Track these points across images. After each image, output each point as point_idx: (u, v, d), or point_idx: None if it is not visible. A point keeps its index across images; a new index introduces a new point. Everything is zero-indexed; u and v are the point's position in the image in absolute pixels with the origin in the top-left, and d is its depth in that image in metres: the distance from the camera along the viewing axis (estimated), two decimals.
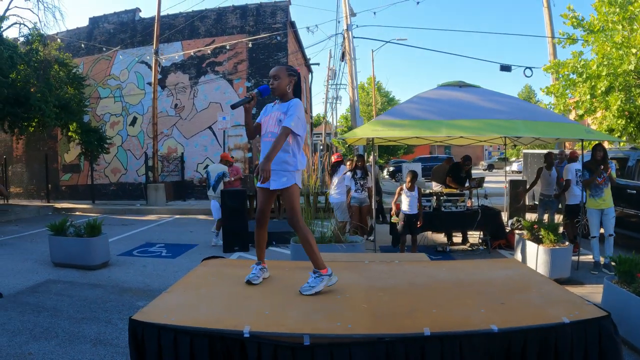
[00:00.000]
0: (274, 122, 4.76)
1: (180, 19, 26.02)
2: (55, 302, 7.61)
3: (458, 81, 11.39)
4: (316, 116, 53.49)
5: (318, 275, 4.56)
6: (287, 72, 4.83)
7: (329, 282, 4.60)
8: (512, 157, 58.08)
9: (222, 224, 11.98)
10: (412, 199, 10.12)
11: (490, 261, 6.22)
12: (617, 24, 14.65)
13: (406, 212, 10.18)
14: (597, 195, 9.43)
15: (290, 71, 4.87)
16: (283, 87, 4.78)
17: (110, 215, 20.47)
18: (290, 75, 4.84)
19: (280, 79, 4.77)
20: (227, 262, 6.04)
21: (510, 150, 40.07)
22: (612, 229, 9.45)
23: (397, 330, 3.53)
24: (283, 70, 4.81)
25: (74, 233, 10.27)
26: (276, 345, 3.37)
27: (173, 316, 3.76)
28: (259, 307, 4.04)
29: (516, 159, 54.83)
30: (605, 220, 9.47)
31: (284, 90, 4.80)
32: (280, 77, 4.77)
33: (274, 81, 4.78)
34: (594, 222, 9.54)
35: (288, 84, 4.80)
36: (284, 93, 4.82)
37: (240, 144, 25.06)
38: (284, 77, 4.78)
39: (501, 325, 3.52)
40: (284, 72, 4.80)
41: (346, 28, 20.74)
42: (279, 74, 4.77)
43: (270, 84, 4.81)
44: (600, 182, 9.39)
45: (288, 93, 4.83)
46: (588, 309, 3.87)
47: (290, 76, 4.84)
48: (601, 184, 9.40)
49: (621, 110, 14.79)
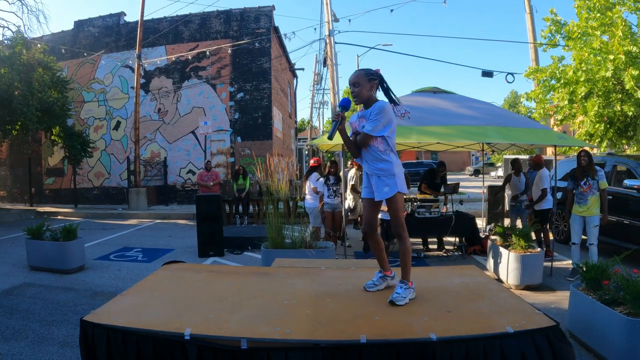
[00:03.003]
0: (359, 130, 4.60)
1: (164, 23, 25.98)
2: (28, 305, 7.67)
3: (432, 87, 11.43)
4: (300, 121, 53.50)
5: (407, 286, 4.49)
6: (367, 77, 4.56)
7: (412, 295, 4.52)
8: (498, 163, 58.16)
9: (198, 228, 11.98)
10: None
11: (449, 268, 6.21)
12: (597, 30, 14.79)
13: (382, 217, 10.20)
14: (582, 203, 9.29)
15: (370, 75, 4.58)
16: (365, 93, 4.54)
17: (91, 219, 20.47)
18: (371, 80, 4.56)
19: (361, 85, 4.52)
20: (186, 267, 6.05)
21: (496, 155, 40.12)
22: (594, 238, 9.21)
23: (335, 336, 3.54)
24: (362, 76, 4.54)
25: (50, 237, 10.27)
26: (215, 349, 3.42)
27: (122, 318, 3.81)
28: (206, 312, 4.07)
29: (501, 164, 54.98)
30: (587, 229, 9.31)
31: (366, 97, 4.56)
32: (360, 83, 4.52)
33: (354, 88, 4.55)
34: (576, 228, 9.46)
35: (370, 89, 4.55)
36: (366, 99, 4.57)
37: (222, 149, 25.07)
38: (364, 83, 4.52)
39: (441, 334, 3.50)
40: (364, 78, 4.54)
41: (328, 34, 20.78)
42: (359, 81, 4.52)
43: (351, 92, 4.61)
44: (585, 190, 9.24)
45: (372, 98, 4.59)
46: (536, 319, 3.86)
47: (371, 80, 4.56)
48: (586, 192, 9.24)
49: (599, 116, 14.92)
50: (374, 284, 4.81)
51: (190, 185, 25.21)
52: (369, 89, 4.53)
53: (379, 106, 4.47)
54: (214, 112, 25.24)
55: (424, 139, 9.91)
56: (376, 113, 4.43)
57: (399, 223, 4.57)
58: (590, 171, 9.29)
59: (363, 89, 4.50)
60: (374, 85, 4.58)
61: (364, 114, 4.57)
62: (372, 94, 4.58)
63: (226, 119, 25.11)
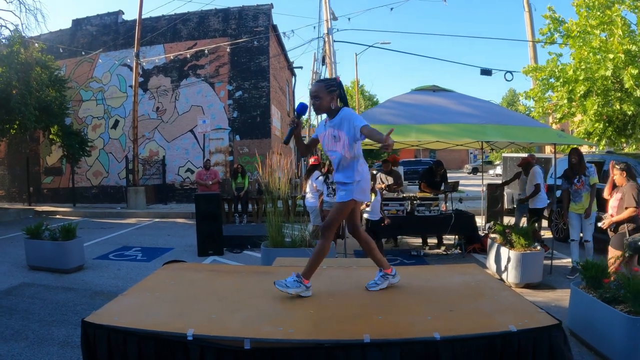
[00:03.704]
0: (330, 140, 4.62)
1: (162, 21, 25.96)
2: (28, 305, 7.65)
3: (432, 85, 11.44)
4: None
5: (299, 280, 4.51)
6: (327, 90, 4.57)
7: (304, 292, 4.51)
8: (496, 161, 58.13)
9: (197, 227, 11.97)
10: (374, 203, 10.14)
11: (450, 267, 6.20)
12: (596, 28, 14.78)
13: (368, 217, 10.21)
14: (577, 200, 9.44)
15: (329, 87, 4.58)
16: (326, 105, 4.58)
17: (90, 218, 20.43)
18: (332, 92, 4.58)
19: (321, 98, 4.55)
20: (186, 266, 6.03)
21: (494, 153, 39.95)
22: (590, 235, 9.38)
23: (338, 336, 3.53)
24: (322, 89, 4.56)
25: (49, 236, 10.26)
26: (218, 349, 3.41)
27: (124, 318, 3.80)
28: (208, 311, 4.06)
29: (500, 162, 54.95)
30: (583, 225, 9.43)
31: (327, 108, 4.60)
32: (321, 96, 4.55)
33: (315, 101, 4.59)
34: (574, 225, 9.57)
35: (330, 100, 4.57)
36: (328, 110, 4.62)
37: (221, 147, 25.08)
38: (324, 95, 4.55)
39: (444, 333, 3.49)
40: (324, 90, 4.56)
41: (327, 32, 20.81)
42: (319, 94, 4.55)
43: (312, 104, 4.65)
44: (578, 187, 9.41)
45: (332, 109, 4.61)
46: (539, 317, 3.84)
47: (332, 92, 4.57)
48: (579, 189, 9.40)
49: (599, 114, 14.92)
50: (376, 284, 4.81)
51: (189, 184, 25.20)
52: (329, 101, 4.57)
53: (348, 111, 4.58)
54: (213, 111, 25.24)
55: (423, 137, 9.89)
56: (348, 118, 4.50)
57: (331, 224, 4.68)
58: (580, 169, 9.45)
59: (323, 100, 4.56)
60: (335, 96, 4.61)
61: (333, 124, 4.61)
62: (332, 105, 4.62)
63: (225, 117, 25.11)
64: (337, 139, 4.54)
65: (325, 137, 4.68)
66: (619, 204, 7.78)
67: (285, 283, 4.45)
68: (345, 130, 4.48)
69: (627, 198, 7.58)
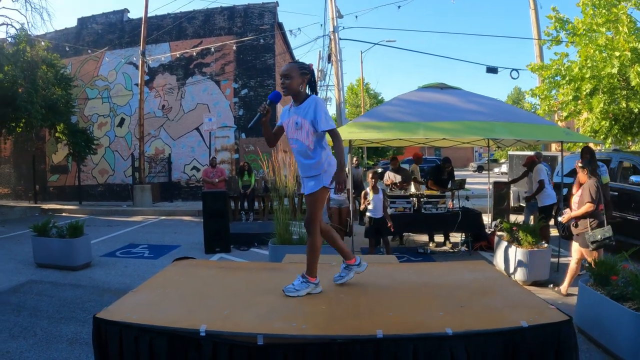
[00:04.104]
0: (292, 128, 4.52)
1: (168, 20, 26.01)
2: (36, 302, 7.68)
3: (439, 83, 11.42)
4: None
5: (305, 280, 4.48)
6: (300, 71, 4.48)
7: (314, 290, 4.52)
8: (501, 159, 58.01)
9: (204, 225, 11.99)
10: (376, 201, 10.08)
11: (459, 264, 6.21)
12: (602, 26, 14.74)
13: (371, 215, 10.20)
14: None
15: (302, 69, 4.51)
16: (295, 86, 4.46)
17: (96, 216, 20.47)
18: (303, 74, 4.50)
19: (292, 78, 4.43)
20: (197, 263, 6.02)
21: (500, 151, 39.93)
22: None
23: (352, 331, 3.53)
24: (295, 69, 4.46)
25: (57, 234, 10.32)
26: (231, 345, 3.41)
27: (135, 314, 3.80)
28: (219, 307, 4.06)
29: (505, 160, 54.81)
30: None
31: (296, 90, 4.48)
32: (292, 76, 4.43)
33: (285, 80, 4.45)
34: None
35: (301, 83, 4.48)
36: (296, 92, 4.50)
37: (227, 145, 25.10)
38: (296, 76, 4.44)
39: (457, 329, 3.49)
40: (296, 71, 4.46)
41: (332, 30, 20.82)
42: (291, 73, 4.43)
43: (281, 83, 4.50)
44: None
45: (301, 92, 4.52)
46: (550, 313, 3.85)
47: (303, 75, 4.50)
48: None
49: (605, 112, 14.88)
50: (341, 276, 4.81)
51: (195, 181, 25.27)
52: (299, 83, 4.47)
53: (314, 100, 4.49)
54: (218, 109, 25.23)
55: (431, 135, 9.88)
56: (314, 108, 4.43)
57: (312, 217, 4.58)
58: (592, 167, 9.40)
59: (294, 81, 4.44)
60: (305, 80, 4.54)
61: (296, 111, 4.52)
62: (301, 88, 4.53)
63: (230, 115, 25.10)
64: (299, 127, 4.46)
65: (289, 123, 4.58)
66: (579, 199, 7.97)
67: (293, 287, 4.43)
68: (310, 120, 4.41)
69: (585, 194, 7.81)
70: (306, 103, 4.46)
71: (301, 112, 4.45)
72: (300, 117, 4.43)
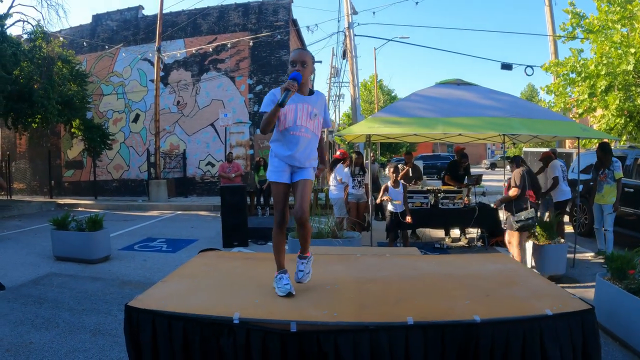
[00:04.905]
0: (306, 117, 4.28)
1: (182, 16, 26.12)
2: (56, 294, 7.73)
3: (456, 79, 11.41)
4: None
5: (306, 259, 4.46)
6: (313, 61, 4.44)
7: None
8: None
9: (222, 219, 12.04)
10: (397, 195, 10.13)
11: (480, 256, 6.25)
12: (617, 23, 14.71)
13: (391, 209, 10.24)
14: (599, 191, 10.17)
15: (314, 61, 4.53)
16: (308, 75, 4.32)
17: (112, 211, 20.59)
18: (313, 65, 4.45)
19: (307, 66, 4.25)
20: (223, 254, 6.08)
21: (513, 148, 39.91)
22: (609, 225, 9.91)
23: (382, 319, 3.57)
24: (310, 58, 4.35)
25: (76, 227, 10.40)
26: (265, 332, 3.45)
27: (167, 303, 3.85)
28: (250, 296, 4.10)
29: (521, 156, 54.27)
30: (604, 215, 10.06)
31: (307, 79, 4.34)
32: (308, 63, 4.27)
33: (301, 67, 4.20)
34: (596, 214, 10.44)
35: (310, 73, 4.39)
36: (306, 81, 4.33)
37: (241, 141, 25.13)
38: (310, 65, 4.31)
39: (484, 316, 3.55)
40: (311, 60, 4.35)
41: (347, 26, 20.80)
42: (307, 60, 4.27)
43: (297, 69, 4.18)
44: (601, 179, 10.10)
45: (309, 82, 4.47)
46: (572, 302, 3.88)
47: (313, 65, 4.44)
48: (602, 180, 10.09)
49: (620, 109, 14.86)
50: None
51: (210, 177, 25.37)
52: (310, 72, 4.38)
53: (324, 97, 4.53)
54: (233, 105, 25.28)
55: (449, 130, 9.88)
56: (325, 106, 4.49)
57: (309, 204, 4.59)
58: (605, 162, 10.08)
59: (307, 70, 4.28)
60: (313, 72, 4.52)
61: (309, 102, 4.34)
62: (309, 79, 4.54)
63: (245, 111, 25.12)
64: (314, 117, 4.33)
65: (298, 110, 4.28)
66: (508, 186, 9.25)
67: (303, 272, 4.39)
68: (322, 115, 4.43)
69: (512, 181, 8.98)
70: (318, 97, 4.43)
71: (316, 105, 4.37)
72: (317, 109, 4.36)
